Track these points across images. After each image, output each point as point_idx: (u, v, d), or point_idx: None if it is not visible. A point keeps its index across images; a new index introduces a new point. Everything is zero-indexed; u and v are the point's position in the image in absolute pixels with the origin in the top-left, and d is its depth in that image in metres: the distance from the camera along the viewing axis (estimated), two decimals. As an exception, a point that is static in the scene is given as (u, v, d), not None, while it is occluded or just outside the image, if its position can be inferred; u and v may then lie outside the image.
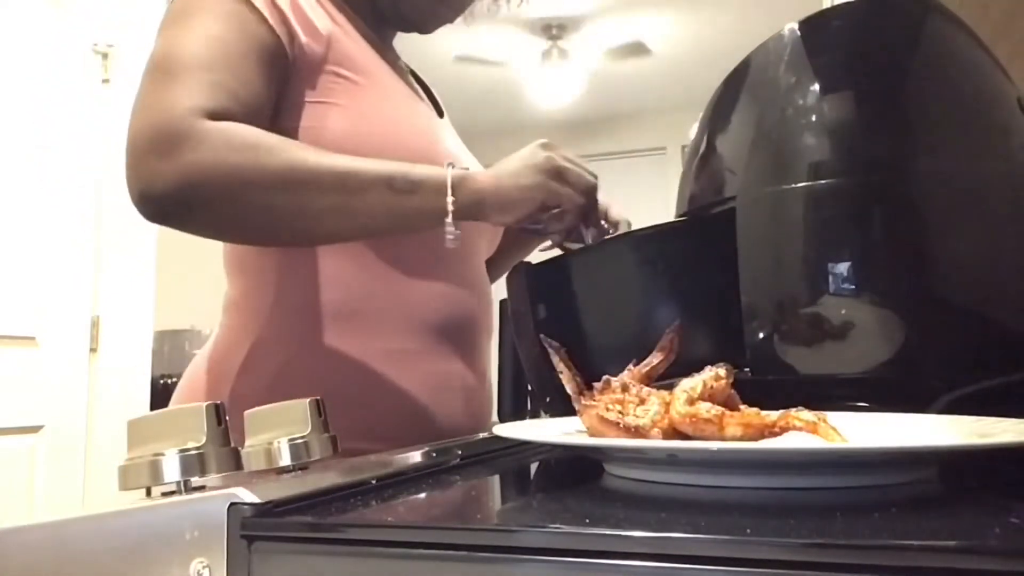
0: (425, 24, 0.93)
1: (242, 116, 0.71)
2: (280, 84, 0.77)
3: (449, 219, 0.73)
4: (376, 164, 0.72)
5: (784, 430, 0.43)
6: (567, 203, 0.77)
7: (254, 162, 0.68)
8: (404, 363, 0.80)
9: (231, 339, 0.82)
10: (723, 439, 0.43)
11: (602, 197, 0.82)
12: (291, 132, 0.77)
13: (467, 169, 0.76)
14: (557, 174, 0.76)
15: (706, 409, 0.44)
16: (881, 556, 0.27)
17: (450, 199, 0.73)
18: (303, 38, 0.78)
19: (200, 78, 0.70)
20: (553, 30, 4.00)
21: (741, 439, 0.43)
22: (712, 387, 0.46)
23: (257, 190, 0.68)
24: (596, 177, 0.79)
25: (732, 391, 0.48)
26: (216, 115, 0.69)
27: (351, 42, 0.83)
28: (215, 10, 0.74)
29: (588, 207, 0.78)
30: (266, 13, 0.75)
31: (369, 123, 0.80)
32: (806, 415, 0.43)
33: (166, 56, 0.72)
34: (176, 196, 0.67)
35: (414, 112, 0.87)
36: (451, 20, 0.94)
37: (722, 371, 0.47)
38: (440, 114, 0.99)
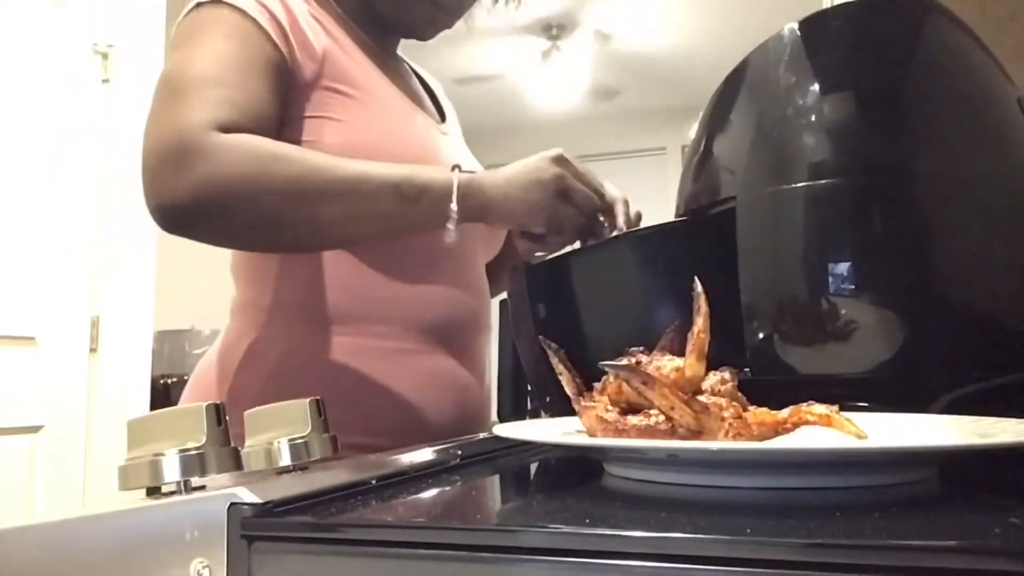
0: (423, 31, 0.93)
1: (251, 129, 0.72)
2: (284, 98, 0.79)
3: (452, 225, 0.74)
4: (383, 169, 0.73)
5: (796, 426, 0.43)
6: (569, 225, 0.78)
7: (266, 173, 0.69)
8: (395, 361, 0.82)
9: (234, 339, 0.85)
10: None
11: (612, 191, 0.82)
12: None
13: (472, 172, 0.77)
14: (565, 195, 0.76)
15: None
16: (881, 556, 0.27)
17: (455, 207, 0.74)
18: (299, 55, 0.80)
19: (209, 93, 0.72)
20: (553, 30, 4.00)
21: (756, 438, 0.43)
22: (718, 391, 0.46)
23: (269, 201, 0.70)
24: (603, 196, 0.80)
25: (739, 394, 0.48)
26: (226, 128, 0.70)
27: (347, 57, 0.84)
28: (221, 29, 0.76)
29: (590, 227, 0.79)
30: (269, 30, 0.77)
31: (364, 137, 0.81)
32: (818, 408, 0.43)
33: (176, 75, 0.74)
34: (191, 208, 0.69)
35: (410, 123, 0.88)
36: (449, 26, 0.94)
37: (727, 374, 0.47)
38: (443, 117, 0.99)
